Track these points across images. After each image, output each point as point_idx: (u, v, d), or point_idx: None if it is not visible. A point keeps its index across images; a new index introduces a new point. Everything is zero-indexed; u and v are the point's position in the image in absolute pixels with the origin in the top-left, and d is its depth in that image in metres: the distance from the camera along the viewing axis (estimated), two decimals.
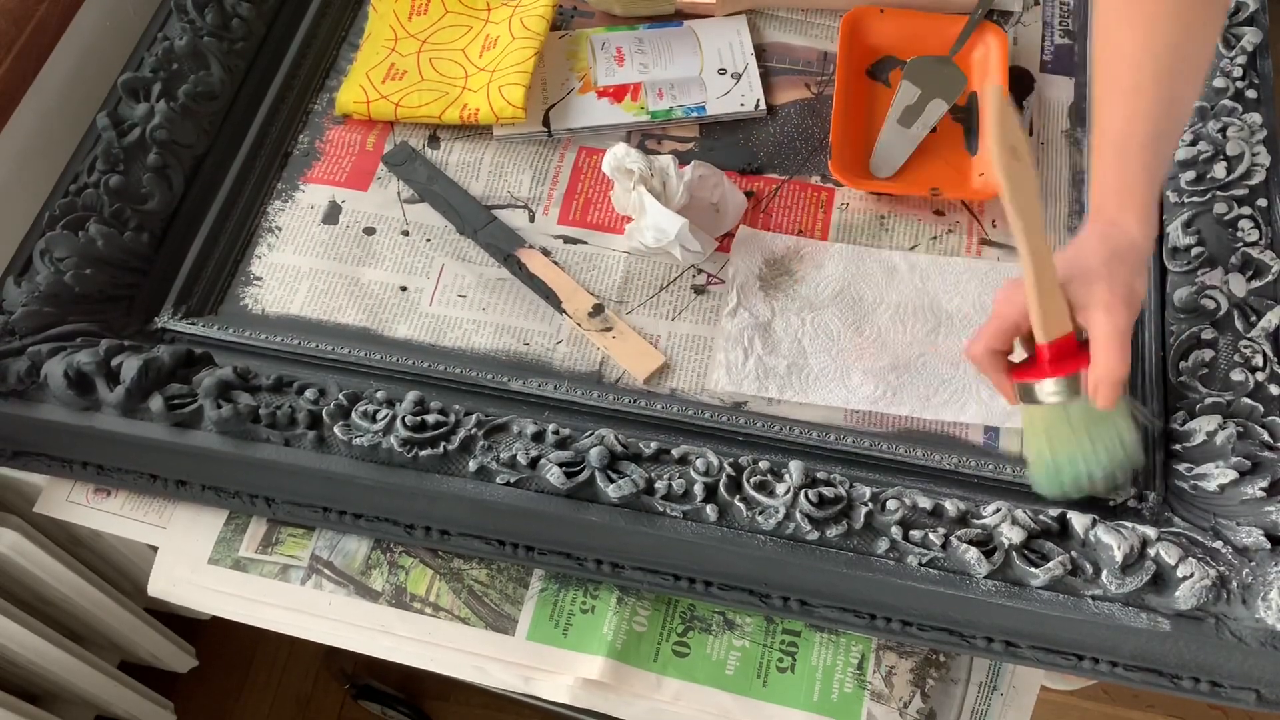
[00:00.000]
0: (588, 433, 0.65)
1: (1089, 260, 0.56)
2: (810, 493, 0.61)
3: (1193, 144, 0.74)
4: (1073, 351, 0.57)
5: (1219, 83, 0.76)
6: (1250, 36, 0.77)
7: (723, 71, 0.84)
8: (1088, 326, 0.56)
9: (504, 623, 0.65)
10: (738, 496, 0.62)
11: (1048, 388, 0.57)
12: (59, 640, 0.85)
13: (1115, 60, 0.59)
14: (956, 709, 0.64)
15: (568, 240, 0.77)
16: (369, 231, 0.78)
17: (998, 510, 0.62)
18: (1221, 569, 0.59)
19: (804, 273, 0.75)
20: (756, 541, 0.61)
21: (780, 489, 0.62)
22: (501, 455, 0.63)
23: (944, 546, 0.60)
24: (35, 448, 0.68)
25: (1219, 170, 0.72)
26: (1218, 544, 0.60)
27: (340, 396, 0.65)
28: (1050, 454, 0.59)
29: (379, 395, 0.65)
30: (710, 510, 0.61)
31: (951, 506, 0.62)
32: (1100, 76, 0.61)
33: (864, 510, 0.61)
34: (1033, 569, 0.59)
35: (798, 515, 0.61)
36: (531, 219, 0.78)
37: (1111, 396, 0.55)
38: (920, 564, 0.60)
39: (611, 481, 0.62)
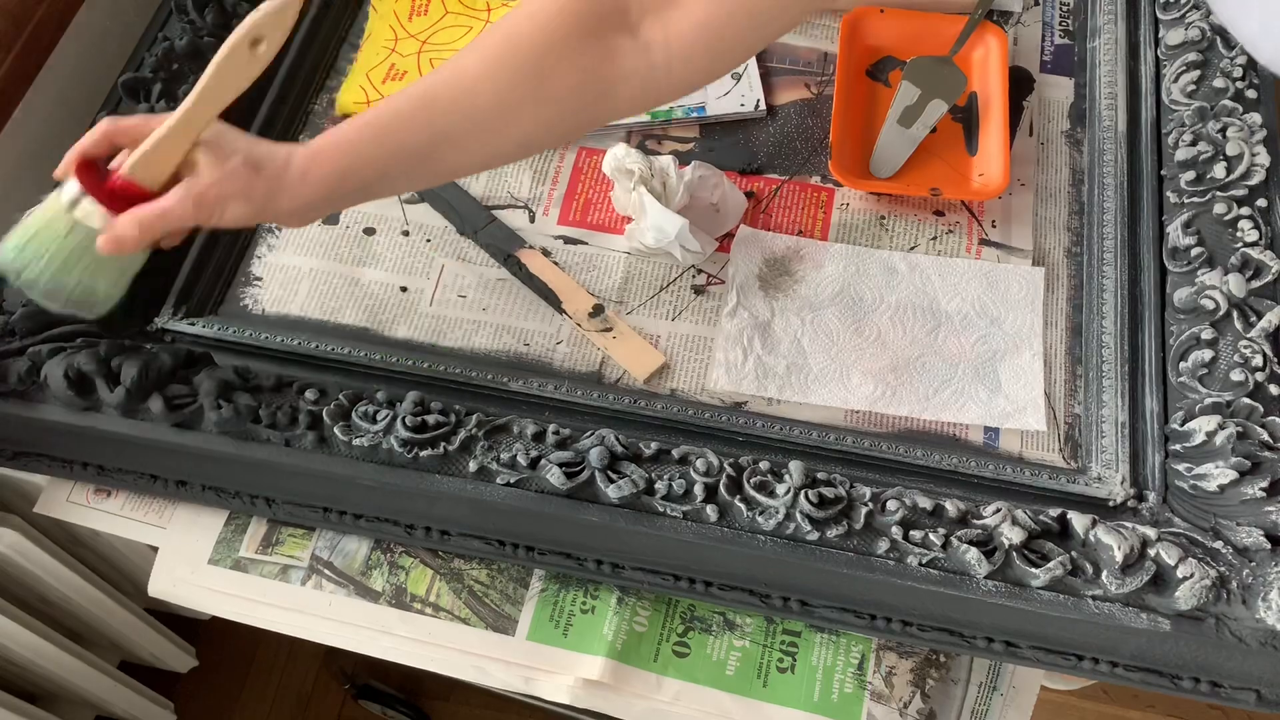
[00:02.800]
0: (588, 433, 0.65)
1: (237, 153, 0.55)
2: (810, 493, 0.61)
3: (1193, 144, 0.74)
4: (137, 201, 0.54)
5: (1219, 83, 0.76)
6: None
7: None
8: (183, 177, 0.55)
9: (504, 623, 0.65)
10: (738, 497, 0.62)
11: (84, 203, 0.55)
12: (59, 640, 0.85)
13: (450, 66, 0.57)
14: (957, 709, 0.64)
15: (568, 240, 0.77)
16: (369, 232, 0.78)
17: (998, 510, 0.62)
18: (1221, 569, 0.59)
19: (804, 273, 0.75)
20: (757, 542, 0.61)
21: (780, 489, 0.62)
22: (502, 455, 0.63)
23: (944, 547, 0.60)
24: (35, 448, 0.68)
25: (1219, 170, 0.72)
26: (1218, 544, 0.61)
27: (340, 397, 0.65)
28: (30, 241, 0.56)
29: (379, 395, 0.65)
30: (710, 510, 0.61)
31: (951, 507, 0.62)
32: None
33: (864, 510, 0.61)
34: (1033, 569, 0.59)
35: (798, 515, 0.61)
36: (531, 219, 0.78)
37: (109, 241, 0.54)
38: (920, 564, 0.60)
39: (612, 482, 0.62)
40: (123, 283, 0.59)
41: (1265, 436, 0.63)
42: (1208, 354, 0.66)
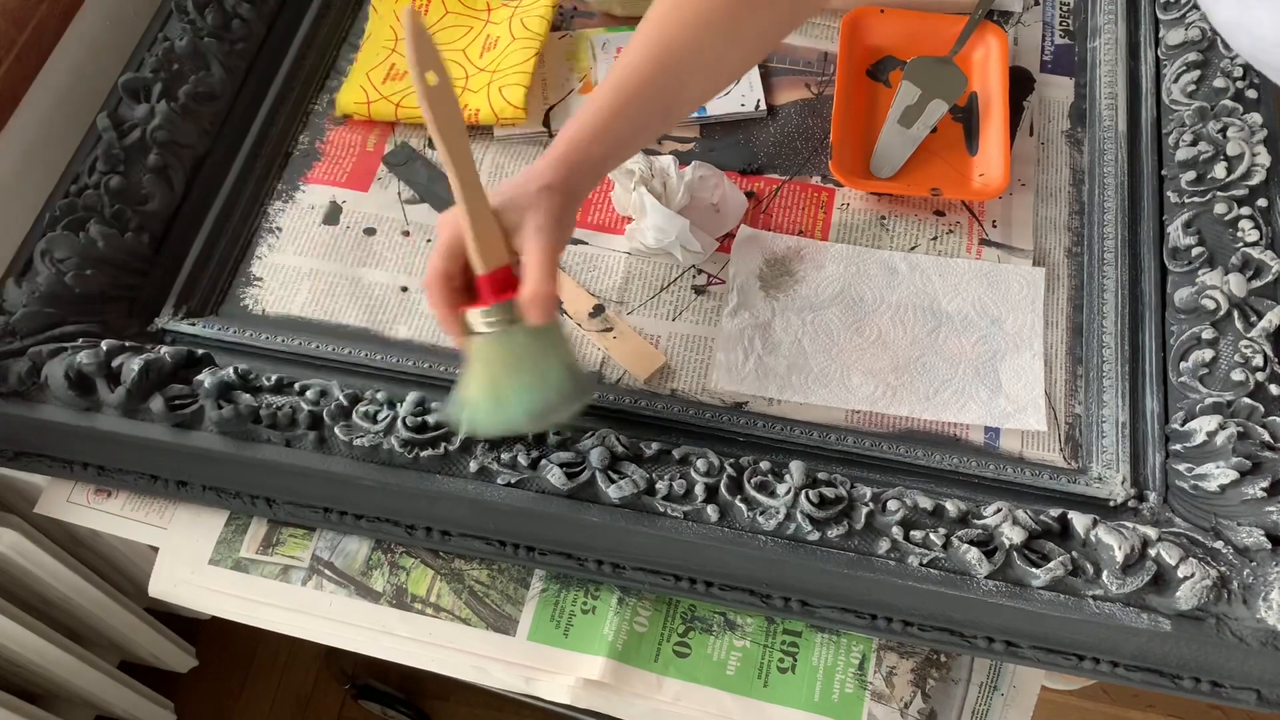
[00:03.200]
0: (588, 433, 0.65)
1: (525, 188, 0.57)
2: (811, 493, 0.61)
3: (1193, 144, 0.75)
4: (512, 283, 0.56)
5: (1219, 83, 0.76)
6: None
7: None
8: (521, 251, 0.57)
9: (505, 623, 0.65)
10: (739, 497, 0.62)
11: (479, 316, 0.57)
12: (59, 640, 0.85)
13: (647, 27, 0.61)
14: (957, 709, 0.64)
15: (569, 240, 0.77)
16: (370, 232, 0.78)
17: (998, 510, 0.62)
18: (1222, 569, 0.59)
19: (804, 273, 0.75)
20: (757, 542, 0.61)
21: (781, 489, 0.62)
22: (502, 455, 0.63)
23: (945, 547, 0.60)
24: (36, 448, 0.68)
25: (1219, 170, 0.72)
26: (1218, 544, 0.61)
27: (341, 397, 0.65)
28: (493, 386, 0.58)
29: (380, 396, 0.65)
30: (711, 511, 0.61)
31: (952, 507, 0.62)
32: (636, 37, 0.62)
33: (865, 510, 0.61)
34: (1033, 569, 0.59)
35: (798, 515, 0.61)
36: None
37: (542, 313, 0.56)
38: (921, 564, 0.60)
39: (612, 482, 0.62)
40: (570, 346, 0.61)
41: (1266, 436, 0.63)
42: (1208, 354, 0.66)
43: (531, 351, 0.58)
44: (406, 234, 0.77)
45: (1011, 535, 0.60)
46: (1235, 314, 0.67)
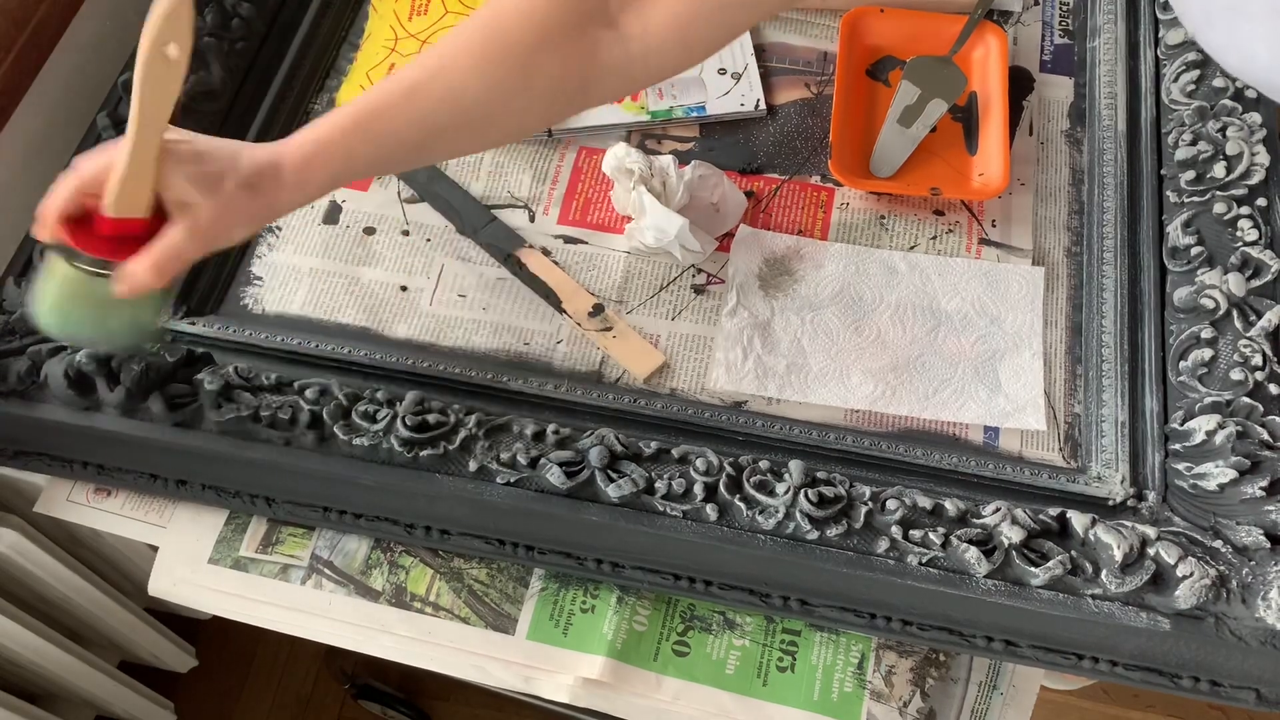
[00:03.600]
0: (588, 432, 0.65)
1: (234, 163, 0.53)
2: (810, 492, 0.61)
3: (1193, 144, 0.75)
4: (134, 234, 0.53)
5: (1218, 82, 0.76)
6: None
7: (723, 71, 0.84)
8: (171, 218, 0.53)
9: (504, 622, 0.65)
10: (738, 496, 0.62)
11: (85, 259, 0.54)
12: (59, 640, 0.85)
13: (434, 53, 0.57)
14: (956, 708, 0.64)
15: (568, 240, 0.77)
16: (369, 231, 0.78)
17: (997, 510, 0.62)
18: (1221, 568, 0.59)
19: (804, 272, 0.75)
20: (757, 541, 0.61)
21: (780, 488, 0.62)
22: (502, 455, 0.63)
23: (944, 546, 0.60)
24: (35, 447, 0.68)
25: (1218, 170, 0.72)
26: (1217, 543, 0.61)
27: (340, 396, 0.65)
28: (59, 303, 0.56)
29: (379, 395, 0.65)
30: (710, 510, 0.61)
31: (951, 506, 0.62)
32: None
33: (864, 510, 0.61)
34: (1032, 568, 0.59)
35: (798, 515, 0.61)
36: (531, 219, 0.78)
37: (131, 289, 0.53)
38: (920, 563, 0.60)
39: (611, 481, 0.62)
40: (163, 304, 0.60)
41: (1265, 436, 0.63)
42: (1207, 353, 0.67)
43: (104, 300, 0.55)
44: (406, 233, 0.77)
45: (1010, 534, 0.60)
46: (1234, 313, 0.67)
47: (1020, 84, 0.84)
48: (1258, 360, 0.65)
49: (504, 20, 0.56)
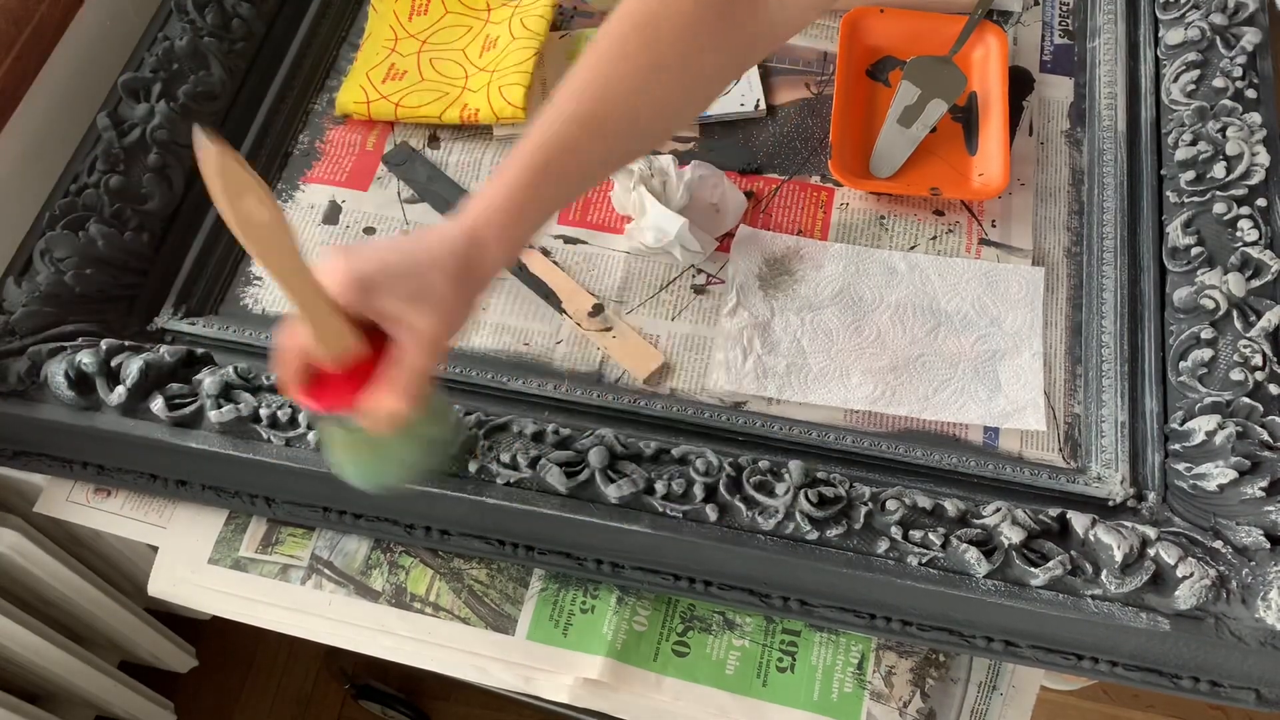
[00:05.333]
0: (588, 433, 0.65)
1: (417, 259, 0.49)
2: (810, 492, 0.61)
3: (1193, 144, 0.74)
4: (368, 369, 0.49)
5: (1218, 83, 0.76)
6: (1250, 36, 0.77)
7: None
8: (399, 338, 0.49)
9: (504, 622, 0.65)
10: (738, 496, 0.62)
11: (325, 417, 0.52)
12: (59, 640, 0.85)
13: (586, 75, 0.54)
14: (956, 709, 0.64)
15: (568, 240, 0.77)
16: (369, 231, 0.78)
17: (997, 510, 0.62)
18: (1221, 569, 0.59)
19: (804, 272, 0.75)
20: (756, 541, 0.61)
21: (780, 489, 0.62)
22: (502, 455, 0.63)
23: (944, 546, 0.60)
24: (35, 448, 0.68)
25: (1219, 170, 0.72)
26: (1217, 544, 0.61)
27: None
28: (355, 463, 0.55)
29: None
30: (710, 510, 0.61)
31: (951, 506, 0.62)
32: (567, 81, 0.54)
33: (864, 510, 0.61)
34: (1032, 569, 0.59)
35: (798, 515, 0.61)
36: None
37: (390, 423, 0.49)
38: (920, 564, 0.60)
39: (611, 481, 0.62)
40: (444, 416, 0.57)
41: (1265, 436, 0.63)
42: (1207, 353, 0.66)
43: (392, 439, 0.52)
44: (406, 233, 0.77)
45: (1010, 535, 0.60)
46: (1234, 314, 0.67)
47: (1020, 84, 0.84)
48: (1258, 360, 0.65)
49: (656, 22, 0.54)
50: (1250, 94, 0.76)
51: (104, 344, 0.66)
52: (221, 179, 0.42)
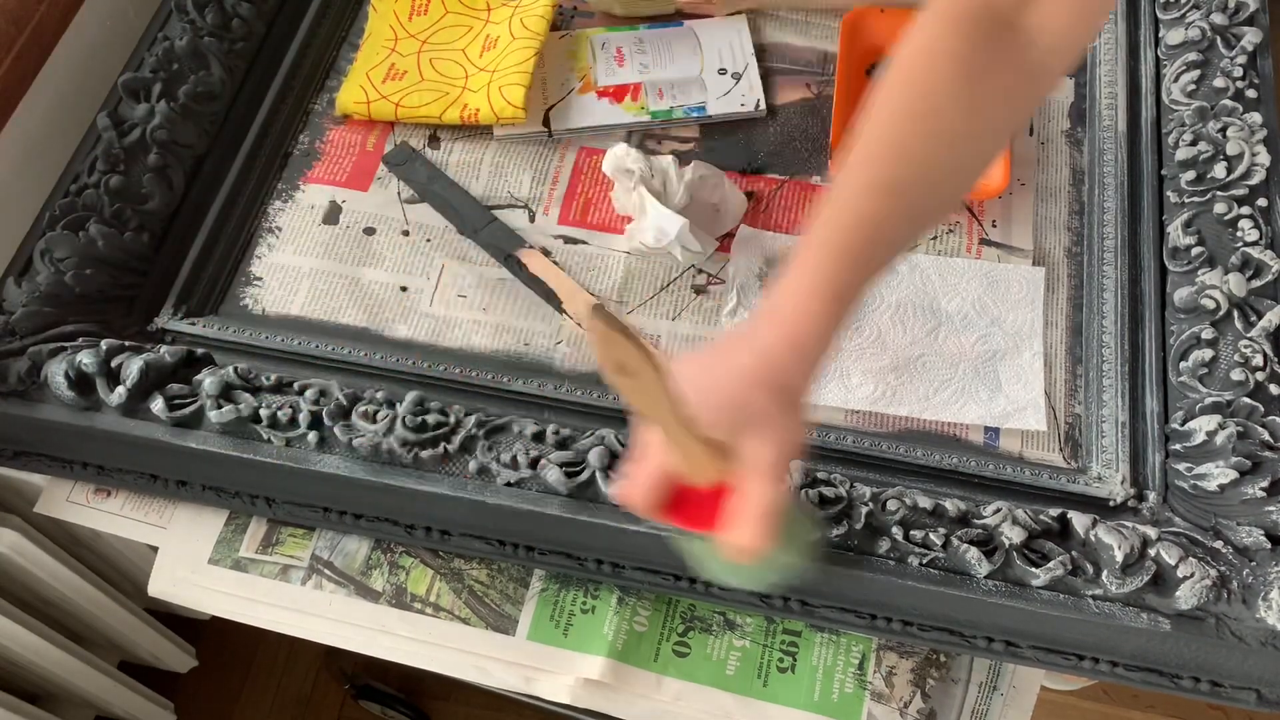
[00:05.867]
0: (588, 433, 0.65)
1: (735, 387, 0.48)
2: (810, 493, 0.61)
3: (1193, 144, 0.74)
4: (722, 493, 0.50)
5: (1219, 83, 0.76)
6: (1250, 36, 0.77)
7: (723, 71, 0.84)
8: (745, 471, 0.48)
9: (504, 623, 0.65)
10: None
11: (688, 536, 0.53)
12: (59, 640, 0.85)
13: (876, 140, 0.51)
14: (957, 709, 0.64)
15: (568, 240, 0.77)
16: (369, 232, 0.78)
17: (998, 510, 0.62)
18: (1222, 569, 0.59)
19: None
20: None
21: None
22: (502, 456, 0.63)
23: (944, 546, 0.60)
24: (35, 448, 0.68)
25: (1219, 170, 0.72)
26: (1218, 544, 0.61)
27: (341, 397, 0.65)
28: (722, 569, 0.54)
29: (379, 395, 0.65)
30: None
31: (952, 506, 0.62)
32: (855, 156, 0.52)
33: (864, 510, 0.61)
34: (1033, 569, 0.59)
35: None
36: (531, 219, 0.78)
37: (749, 554, 0.48)
38: (921, 564, 0.60)
39: (612, 482, 0.62)
40: (803, 524, 0.56)
41: (1265, 436, 0.63)
42: (1208, 353, 0.66)
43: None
44: (406, 233, 0.77)
45: (1011, 535, 0.60)
46: (1235, 314, 0.67)
47: None
48: (1258, 360, 0.65)
49: (925, 70, 0.51)
50: (1250, 94, 0.76)
51: (104, 344, 0.66)
52: (603, 345, 0.44)
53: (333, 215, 0.78)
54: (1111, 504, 0.65)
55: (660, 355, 0.48)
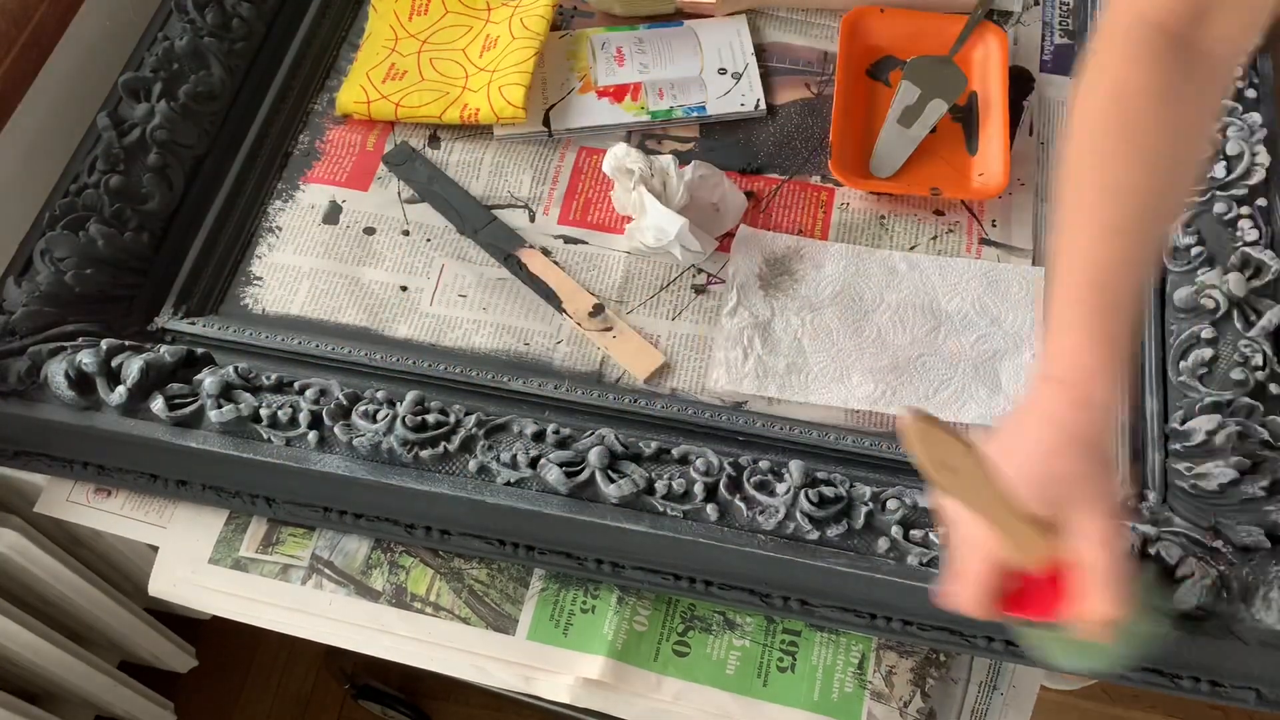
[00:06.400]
0: (588, 432, 0.65)
1: (1074, 477, 0.48)
2: (810, 492, 0.61)
3: None
4: (1060, 578, 0.49)
5: None
6: None
7: (723, 71, 0.84)
8: (1083, 544, 0.47)
9: (504, 622, 0.65)
10: (738, 496, 0.62)
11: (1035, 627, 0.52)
12: (59, 640, 0.85)
13: (1090, 192, 0.52)
14: (957, 708, 0.64)
15: (568, 240, 0.77)
16: (369, 231, 0.78)
17: None
18: (1222, 568, 0.59)
19: (804, 272, 0.75)
20: (757, 541, 0.61)
21: (780, 489, 0.62)
22: (502, 455, 0.63)
23: (944, 546, 0.60)
24: (36, 448, 0.68)
25: (1219, 170, 0.72)
26: (1218, 543, 0.61)
27: (341, 396, 0.65)
28: (1071, 655, 0.53)
29: (379, 395, 0.65)
30: (710, 510, 0.61)
31: None
32: (1070, 210, 0.52)
33: (864, 510, 0.61)
34: None
35: (798, 515, 0.61)
36: (532, 219, 0.78)
37: (1105, 635, 0.47)
38: (921, 563, 0.60)
39: (612, 481, 0.62)
40: (1151, 593, 0.56)
41: (1265, 435, 0.63)
42: (1208, 353, 0.66)
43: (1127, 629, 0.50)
44: (406, 233, 0.77)
45: None
46: (1235, 313, 0.67)
47: (1020, 84, 0.84)
48: (1258, 360, 0.65)
49: (1131, 114, 0.51)
50: (1250, 94, 0.76)
51: (104, 344, 0.66)
52: (923, 445, 0.46)
53: (333, 215, 0.78)
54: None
55: (977, 444, 0.48)
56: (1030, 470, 0.48)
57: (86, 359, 0.64)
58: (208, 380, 0.64)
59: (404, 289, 0.75)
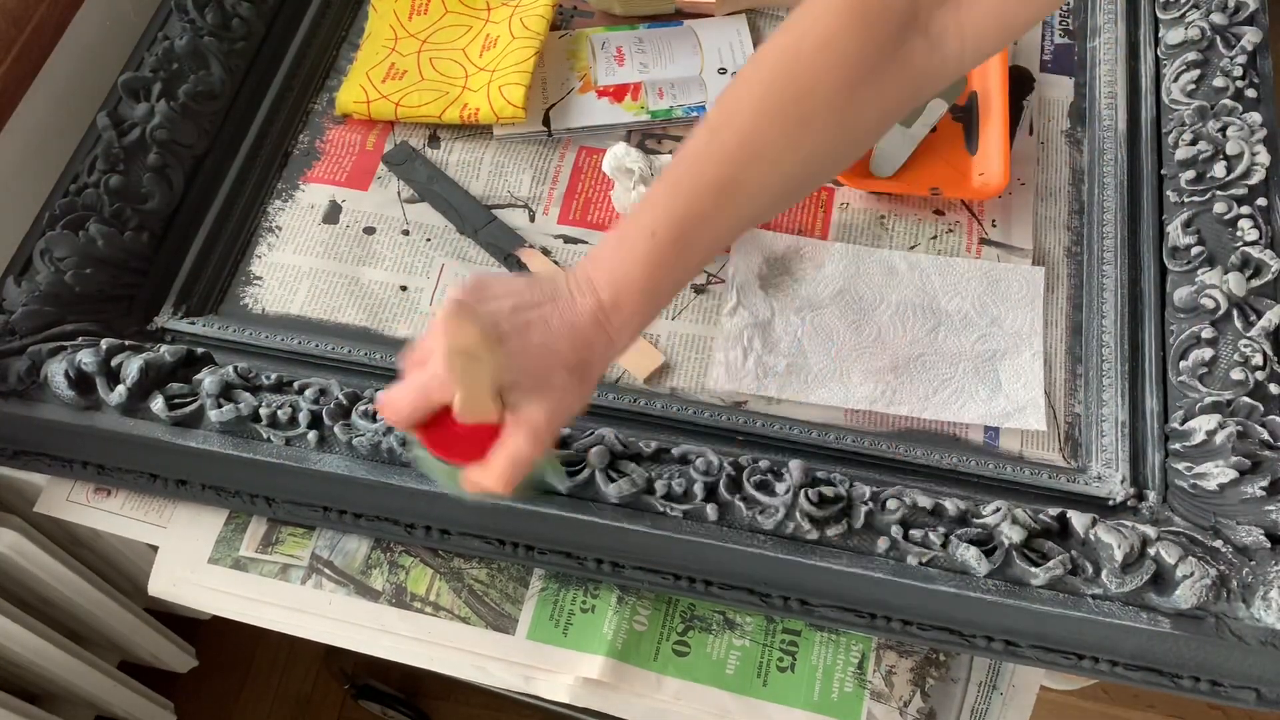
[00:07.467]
0: (588, 432, 0.65)
1: (553, 371, 0.49)
2: (810, 492, 0.61)
3: (1193, 143, 0.74)
4: (487, 433, 0.51)
5: (1219, 82, 0.76)
6: (1250, 36, 0.77)
7: (723, 71, 0.84)
8: (512, 422, 0.49)
9: (504, 622, 0.65)
10: (738, 496, 0.62)
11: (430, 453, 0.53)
12: (59, 640, 0.85)
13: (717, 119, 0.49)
14: (956, 708, 0.64)
15: (568, 240, 0.77)
16: (369, 231, 0.78)
17: (998, 510, 0.62)
18: (1221, 568, 0.59)
19: (804, 272, 0.75)
20: (757, 541, 0.61)
21: (780, 488, 0.62)
22: None
23: (944, 546, 0.60)
24: (35, 447, 0.68)
25: (1219, 170, 0.72)
26: (1218, 543, 0.61)
27: (340, 396, 0.65)
28: (448, 479, 0.54)
29: (379, 395, 0.65)
30: (710, 510, 0.61)
31: (951, 506, 0.62)
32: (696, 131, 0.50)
33: (864, 510, 0.61)
34: (1033, 568, 0.59)
35: (798, 515, 0.61)
36: (531, 219, 0.78)
37: (485, 492, 0.50)
38: (920, 563, 0.60)
39: (611, 481, 0.62)
40: (543, 474, 0.58)
41: (1265, 435, 0.63)
42: (1208, 353, 0.66)
43: None
44: (406, 233, 0.77)
45: (1011, 534, 0.60)
46: (1235, 313, 0.67)
47: (1020, 84, 0.84)
48: (1258, 360, 0.65)
49: (807, 68, 0.48)
50: (1250, 93, 0.76)
51: (104, 344, 0.66)
52: (452, 336, 0.47)
53: (333, 215, 0.78)
54: (1111, 503, 0.65)
55: (498, 343, 0.49)
56: (527, 363, 0.49)
57: (86, 359, 0.64)
58: (207, 380, 0.64)
59: (404, 289, 0.75)
